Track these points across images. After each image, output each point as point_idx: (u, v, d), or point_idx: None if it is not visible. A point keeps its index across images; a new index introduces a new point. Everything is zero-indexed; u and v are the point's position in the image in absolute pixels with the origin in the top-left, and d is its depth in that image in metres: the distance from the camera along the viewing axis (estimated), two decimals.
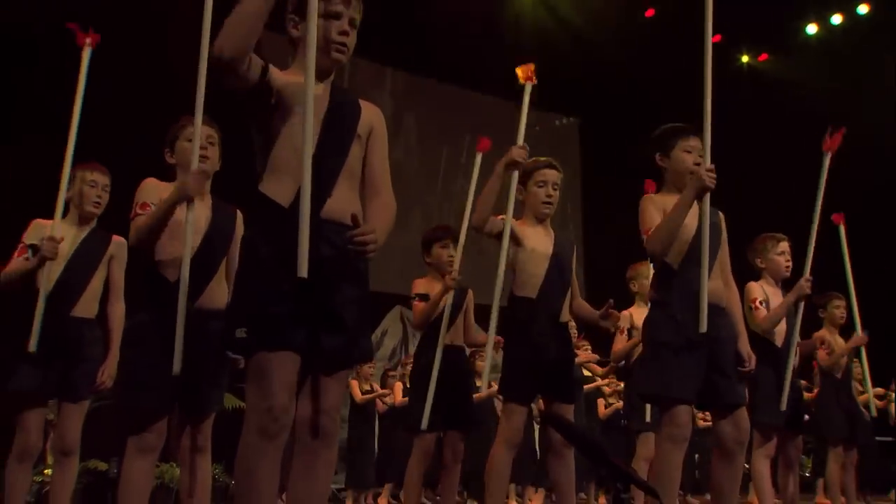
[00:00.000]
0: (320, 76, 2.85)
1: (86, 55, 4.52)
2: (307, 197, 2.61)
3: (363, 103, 3.02)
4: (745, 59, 16.23)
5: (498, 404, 8.07)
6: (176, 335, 3.57)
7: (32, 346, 3.79)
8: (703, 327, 3.77)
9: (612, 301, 4.66)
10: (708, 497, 5.24)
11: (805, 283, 5.25)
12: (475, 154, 5.46)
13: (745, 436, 3.96)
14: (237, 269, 2.94)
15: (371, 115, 3.01)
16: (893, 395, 10.36)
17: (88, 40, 4.52)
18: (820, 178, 4.96)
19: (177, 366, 3.56)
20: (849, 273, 6.09)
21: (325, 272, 2.74)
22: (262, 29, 2.65)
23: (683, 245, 3.97)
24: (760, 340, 5.34)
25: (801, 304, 5.37)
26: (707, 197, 3.86)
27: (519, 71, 4.86)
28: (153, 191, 3.84)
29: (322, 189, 2.75)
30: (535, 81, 4.81)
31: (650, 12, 14.54)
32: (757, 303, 5.34)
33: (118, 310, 4.72)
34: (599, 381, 9.35)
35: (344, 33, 2.88)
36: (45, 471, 7.32)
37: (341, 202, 2.81)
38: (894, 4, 13.61)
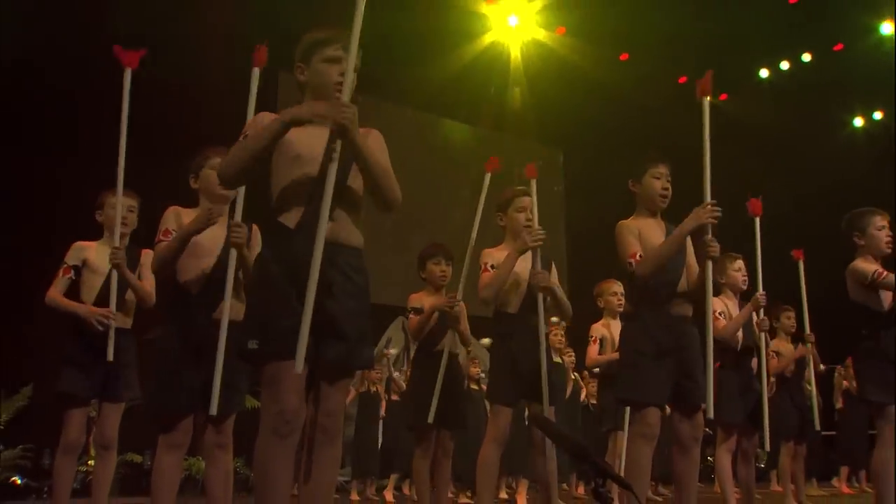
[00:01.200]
0: None
1: (127, 77, 4.32)
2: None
3: (362, 130, 2.97)
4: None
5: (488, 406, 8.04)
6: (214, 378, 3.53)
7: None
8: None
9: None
10: None
11: (760, 297, 5.25)
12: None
13: (699, 432, 3.92)
14: (250, 285, 2.91)
15: (367, 138, 2.96)
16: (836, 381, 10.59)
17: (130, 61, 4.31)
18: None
19: (213, 408, 3.54)
20: (804, 298, 6.13)
21: (326, 288, 2.72)
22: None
23: None
24: (723, 348, 5.37)
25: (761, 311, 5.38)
26: (710, 265, 3.81)
27: (526, 170, 4.88)
28: (176, 218, 3.81)
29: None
30: (536, 175, 4.79)
31: (624, 56, 14.68)
32: (716, 314, 5.32)
33: (151, 290, 4.60)
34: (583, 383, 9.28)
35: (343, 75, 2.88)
36: (89, 462, 7.30)
37: (340, 225, 2.81)
38: (830, 55, 14.47)
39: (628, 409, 4.49)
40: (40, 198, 9.14)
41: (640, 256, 3.85)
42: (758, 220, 5.20)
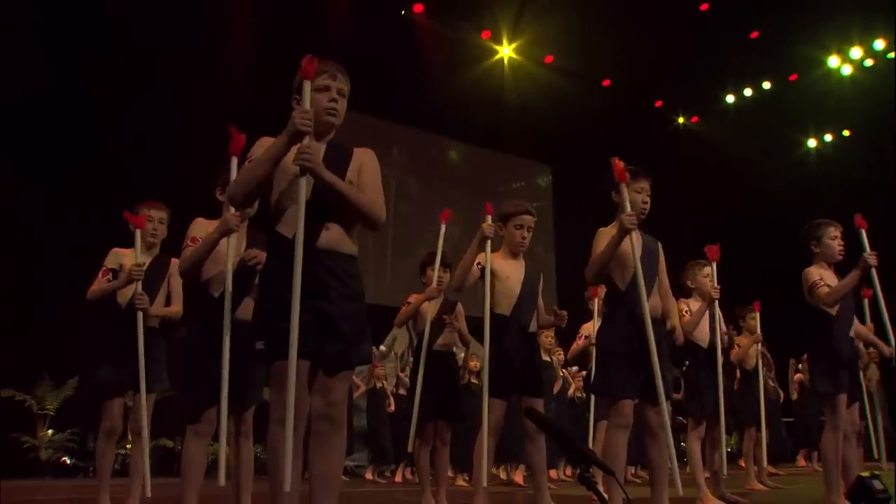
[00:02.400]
0: (318, 137, 2.87)
1: (137, 235, 4.42)
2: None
3: (356, 150, 2.94)
4: (681, 120, 16.71)
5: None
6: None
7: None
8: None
9: (555, 308, 4.72)
10: None
11: (714, 291, 5.21)
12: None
13: (665, 420, 3.90)
14: (256, 292, 2.89)
15: (360, 157, 2.93)
16: (791, 376, 10.64)
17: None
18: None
19: None
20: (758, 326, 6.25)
21: (323, 292, 2.71)
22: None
23: (628, 272, 3.88)
24: (692, 347, 5.42)
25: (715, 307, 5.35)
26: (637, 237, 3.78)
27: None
28: (201, 228, 3.78)
29: (318, 225, 2.74)
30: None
31: (606, 82, 14.74)
32: (683, 311, 5.32)
33: (178, 310, 4.65)
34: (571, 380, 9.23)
35: (333, 100, 2.87)
36: (127, 445, 7.30)
37: (334, 235, 2.78)
38: (786, 83, 15.08)
39: None
40: (82, 208, 9.12)
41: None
42: (715, 265, 5.13)
